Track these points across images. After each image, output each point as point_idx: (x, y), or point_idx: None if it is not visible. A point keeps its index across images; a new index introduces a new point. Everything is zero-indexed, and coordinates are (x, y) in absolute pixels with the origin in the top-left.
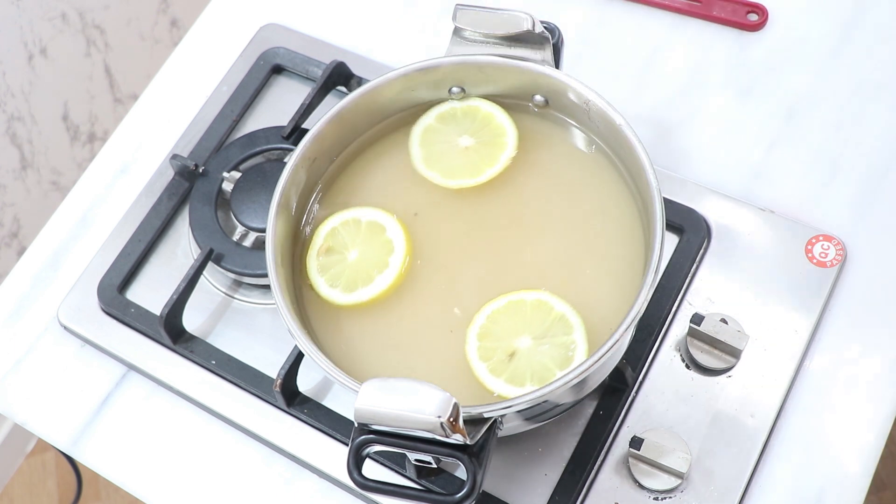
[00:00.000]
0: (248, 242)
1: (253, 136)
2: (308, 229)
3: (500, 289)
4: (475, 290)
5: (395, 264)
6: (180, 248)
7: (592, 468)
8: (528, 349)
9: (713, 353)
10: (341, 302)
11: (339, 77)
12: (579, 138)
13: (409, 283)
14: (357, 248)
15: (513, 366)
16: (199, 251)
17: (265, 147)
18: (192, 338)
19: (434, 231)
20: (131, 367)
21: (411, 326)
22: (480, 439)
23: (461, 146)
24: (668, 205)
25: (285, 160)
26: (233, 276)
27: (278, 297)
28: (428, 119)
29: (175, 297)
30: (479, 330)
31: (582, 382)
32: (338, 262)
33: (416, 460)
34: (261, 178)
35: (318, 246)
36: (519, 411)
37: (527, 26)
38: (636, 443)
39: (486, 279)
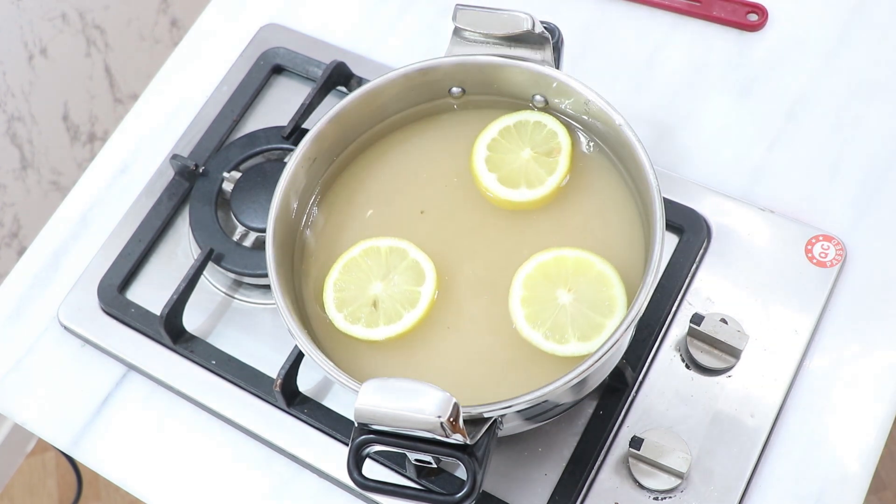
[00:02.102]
0: (248, 242)
1: (253, 136)
2: (308, 231)
3: (501, 289)
4: (476, 290)
5: (426, 295)
6: (180, 248)
7: (592, 468)
8: (570, 304)
9: (713, 353)
10: (364, 337)
11: (339, 77)
12: (579, 138)
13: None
14: (381, 281)
15: (554, 319)
16: (199, 251)
17: (265, 147)
18: (192, 338)
19: (439, 229)
20: (131, 367)
21: (415, 327)
22: (480, 439)
23: (523, 157)
24: (668, 205)
25: (285, 160)
26: (233, 276)
27: (278, 297)
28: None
29: (175, 297)
30: (520, 297)
31: (582, 382)
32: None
33: (416, 460)
34: (261, 178)
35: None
36: (519, 411)
37: (527, 26)
38: (636, 443)
39: (483, 278)
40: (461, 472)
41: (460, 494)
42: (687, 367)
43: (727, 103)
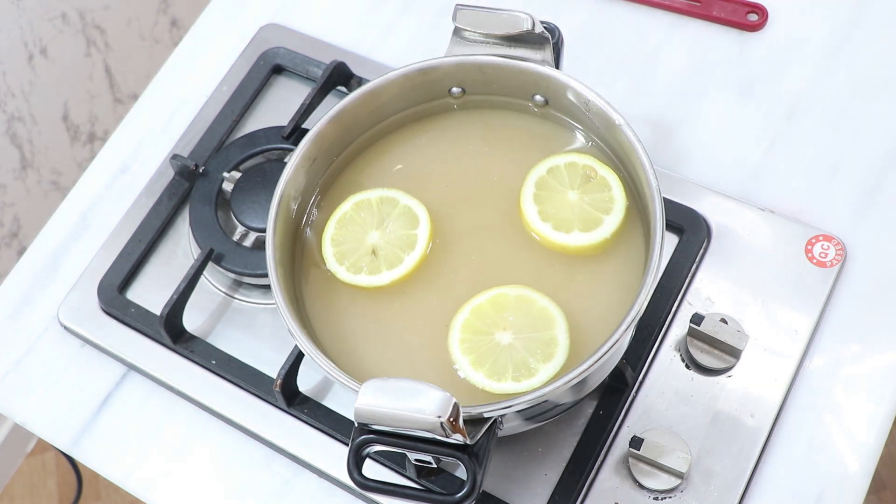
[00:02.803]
0: (248, 242)
1: (253, 136)
2: (308, 231)
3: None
4: (475, 290)
5: (422, 237)
6: (180, 248)
7: (592, 468)
8: (510, 344)
9: (713, 353)
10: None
11: (339, 77)
12: (579, 138)
13: (410, 282)
14: (376, 230)
15: (493, 359)
16: (199, 251)
17: (265, 147)
18: (192, 338)
19: (437, 231)
20: (131, 367)
21: (412, 325)
22: (480, 439)
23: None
24: (668, 205)
25: (285, 160)
26: (233, 276)
27: (278, 297)
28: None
29: (175, 297)
30: (462, 323)
31: (582, 382)
32: (356, 247)
33: (416, 460)
34: (261, 178)
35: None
36: (519, 411)
37: (527, 26)
38: (636, 443)
39: (483, 278)
40: (461, 472)
41: (460, 494)
42: (687, 367)
43: (727, 103)
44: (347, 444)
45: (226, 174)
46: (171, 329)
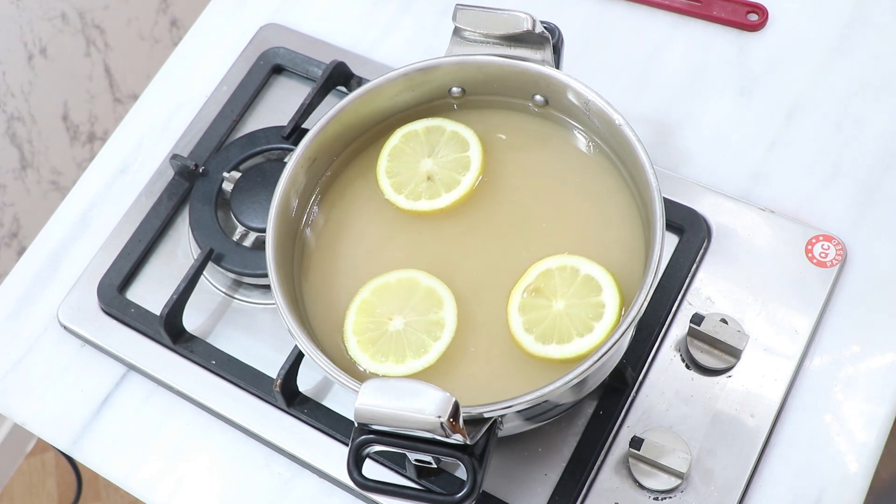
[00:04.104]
0: (248, 242)
1: (253, 136)
2: (308, 231)
3: (499, 291)
4: (475, 290)
5: (475, 159)
6: (180, 248)
7: (592, 468)
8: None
9: (713, 353)
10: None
11: (339, 77)
12: (579, 138)
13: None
14: (428, 157)
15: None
16: (199, 251)
17: (265, 147)
18: (192, 338)
19: (435, 230)
20: (131, 367)
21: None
22: (480, 439)
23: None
24: (668, 205)
25: (285, 160)
26: (233, 276)
27: (278, 297)
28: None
29: (175, 297)
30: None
31: (582, 382)
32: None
33: (416, 460)
34: (261, 178)
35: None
36: (519, 411)
37: (527, 26)
38: (636, 443)
39: (486, 281)
40: (461, 472)
41: (460, 494)
42: (687, 367)
43: (727, 103)
44: (347, 444)
45: (226, 174)
46: (171, 329)
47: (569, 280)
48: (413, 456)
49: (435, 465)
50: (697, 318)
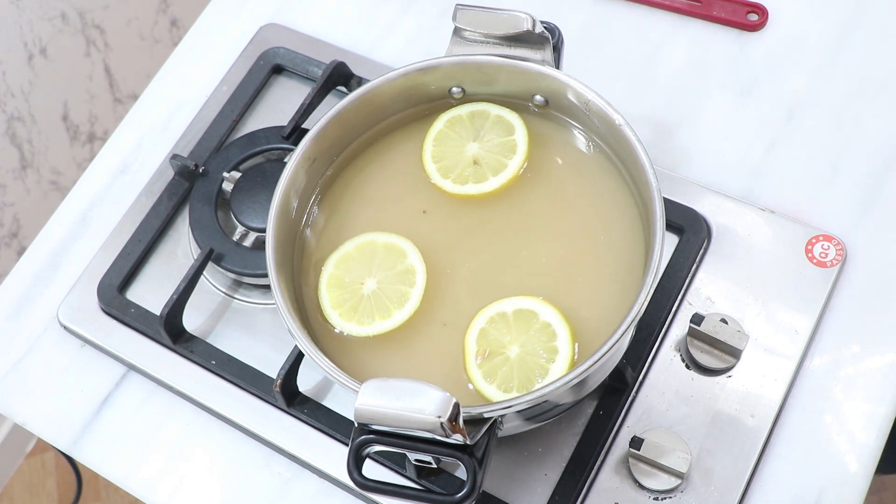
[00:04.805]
0: (248, 242)
1: (253, 136)
2: (308, 231)
3: (498, 290)
4: (474, 290)
5: (521, 142)
6: (180, 248)
7: (592, 468)
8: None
9: (713, 353)
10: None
11: (339, 77)
12: (579, 138)
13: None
14: (474, 141)
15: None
16: (199, 251)
17: (265, 147)
18: (192, 338)
19: (439, 229)
20: (131, 367)
21: (412, 325)
22: (480, 439)
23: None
24: (668, 205)
25: (285, 160)
26: (233, 276)
27: (278, 297)
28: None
29: (175, 297)
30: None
31: (582, 382)
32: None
33: (416, 460)
34: (261, 178)
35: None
36: (519, 411)
37: (527, 26)
38: (636, 443)
39: (485, 280)
40: (461, 472)
41: (460, 494)
42: (687, 367)
43: (727, 103)
44: (347, 444)
45: (226, 174)
46: (171, 329)
47: (523, 326)
48: (413, 456)
49: (435, 465)
50: (697, 318)
